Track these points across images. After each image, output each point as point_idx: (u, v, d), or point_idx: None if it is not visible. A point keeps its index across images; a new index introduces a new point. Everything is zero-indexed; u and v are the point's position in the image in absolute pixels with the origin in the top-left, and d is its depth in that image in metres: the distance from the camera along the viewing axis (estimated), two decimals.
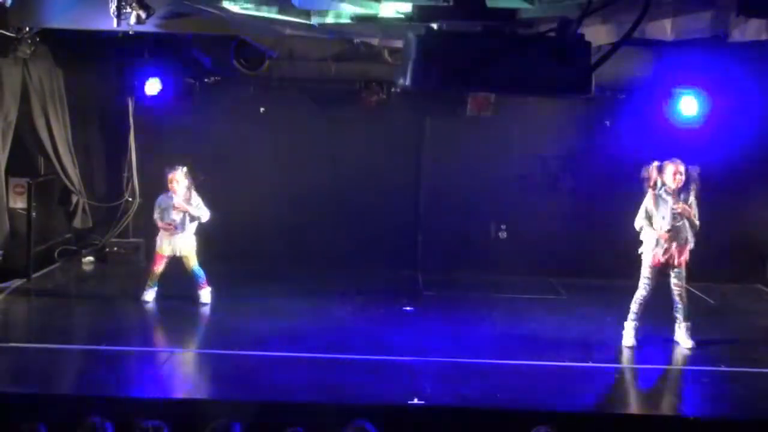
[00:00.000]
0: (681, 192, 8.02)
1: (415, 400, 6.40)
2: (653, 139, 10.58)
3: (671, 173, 7.95)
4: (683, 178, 7.96)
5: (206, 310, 9.03)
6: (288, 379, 6.93)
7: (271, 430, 5.52)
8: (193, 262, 9.15)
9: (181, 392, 6.91)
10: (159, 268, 9.10)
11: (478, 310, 9.46)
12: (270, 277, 10.41)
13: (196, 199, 9.10)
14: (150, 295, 9.15)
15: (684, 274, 8.07)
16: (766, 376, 7.49)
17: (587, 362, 7.68)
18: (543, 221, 11.15)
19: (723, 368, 7.52)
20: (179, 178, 8.99)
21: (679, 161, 8.01)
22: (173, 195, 8.99)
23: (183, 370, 7.41)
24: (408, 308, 9.47)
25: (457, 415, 6.33)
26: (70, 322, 8.81)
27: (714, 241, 10.99)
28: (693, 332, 8.08)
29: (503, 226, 11.40)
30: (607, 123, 11.22)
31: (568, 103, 10.66)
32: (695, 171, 8.06)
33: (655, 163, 8.04)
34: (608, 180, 10.95)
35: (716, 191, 10.78)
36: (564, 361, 7.62)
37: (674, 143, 10.55)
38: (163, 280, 9.15)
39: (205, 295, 9.22)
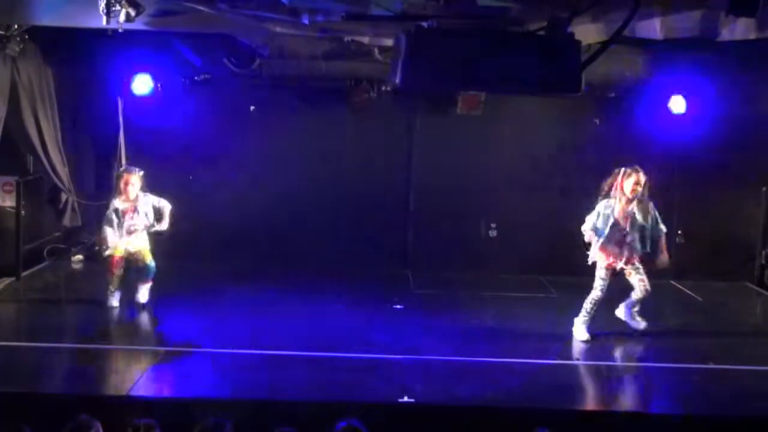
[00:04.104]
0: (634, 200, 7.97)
1: (406, 399, 6.41)
2: (643, 137, 10.63)
3: (632, 183, 7.90)
4: (641, 189, 7.91)
5: (198, 310, 8.98)
6: (278, 378, 6.93)
7: (262, 428, 5.52)
8: (148, 257, 8.80)
9: (171, 391, 6.89)
10: (118, 270, 8.76)
11: (469, 309, 9.48)
12: (260, 276, 10.40)
13: (148, 203, 8.71)
14: (116, 300, 8.84)
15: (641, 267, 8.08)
16: (754, 374, 7.53)
17: (577, 360, 7.71)
18: (533, 219, 11.18)
19: (712, 365, 7.55)
20: (134, 182, 8.63)
21: (640, 170, 7.95)
22: (123, 199, 8.63)
23: (173, 368, 7.37)
24: (398, 306, 9.47)
25: (448, 414, 6.33)
26: (59, 320, 8.77)
27: (702, 239, 11.09)
28: (682, 330, 8.14)
29: (493, 225, 11.42)
30: (597, 121, 11.26)
31: (558, 102, 10.68)
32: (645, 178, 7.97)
33: (622, 170, 7.99)
34: (598, 178, 10.96)
35: (705, 190, 10.91)
36: (554, 359, 7.64)
37: (663, 142, 10.63)
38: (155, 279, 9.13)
39: (144, 292, 8.89)
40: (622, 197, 7.99)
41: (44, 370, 7.12)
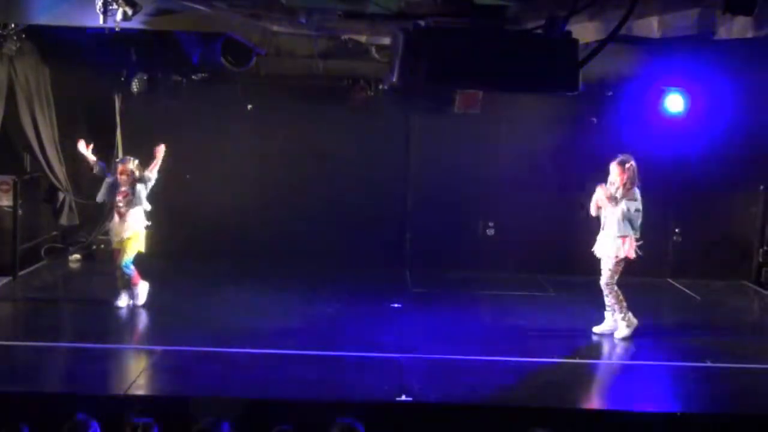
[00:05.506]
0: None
1: (403, 397, 6.41)
2: (640, 135, 10.63)
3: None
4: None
5: (196, 308, 8.98)
6: (276, 377, 6.93)
7: (260, 427, 5.53)
8: (124, 257, 8.63)
9: (169, 390, 6.88)
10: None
11: (466, 307, 9.48)
12: (258, 275, 10.39)
13: (142, 187, 8.70)
14: (121, 300, 8.80)
15: (608, 266, 8.19)
16: (751, 372, 7.55)
17: (574, 358, 7.71)
18: (530, 218, 11.18)
19: (709, 364, 7.56)
20: (130, 170, 8.67)
21: (614, 162, 8.23)
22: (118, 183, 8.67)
23: (171, 367, 7.37)
24: (396, 305, 9.47)
25: (445, 412, 6.33)
26: (56, 319, 8.77)
27: (700, 238, 11.09)
28: (680, 328, 8.15)
29: (491, 223, 11.43)
30: (594, 120, 11.26)
31: (556, 100, 10.68)
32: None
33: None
34: (595, 176, 10.97)
35: (703, 189, 10.91)
36: (551, 358, 7.64)
37: (660, 140, 10.64)
38: (152, 278, 9.11)
39: (142, 291, 8.80)
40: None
41: (42, 369, 7.12)
